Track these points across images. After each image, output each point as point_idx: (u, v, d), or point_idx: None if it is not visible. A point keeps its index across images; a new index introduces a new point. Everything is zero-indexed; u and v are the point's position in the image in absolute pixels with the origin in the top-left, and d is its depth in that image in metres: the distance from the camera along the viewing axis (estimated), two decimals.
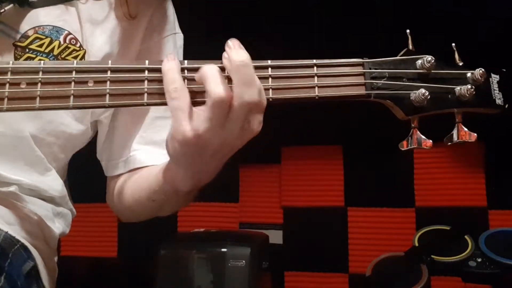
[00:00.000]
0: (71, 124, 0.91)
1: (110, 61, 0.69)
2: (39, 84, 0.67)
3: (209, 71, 0.65)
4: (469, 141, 0.72)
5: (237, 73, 0.65)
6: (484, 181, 2.21)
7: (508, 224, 2.06)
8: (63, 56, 0.86)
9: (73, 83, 0.68)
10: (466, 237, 1.91)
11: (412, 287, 1.76)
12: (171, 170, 0.77)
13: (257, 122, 0.67)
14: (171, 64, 0.67)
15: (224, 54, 0.68)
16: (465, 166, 2.24)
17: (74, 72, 0.68)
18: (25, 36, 0.83)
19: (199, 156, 0.69)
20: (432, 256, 1.87)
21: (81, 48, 0.88)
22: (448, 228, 2.02)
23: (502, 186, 2.16)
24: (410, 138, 0.72)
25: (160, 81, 0.68)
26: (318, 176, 2.41)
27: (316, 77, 0.71)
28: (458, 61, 0.74)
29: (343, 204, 2.37)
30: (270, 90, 0.69)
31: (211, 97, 0.64)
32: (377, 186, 2.30)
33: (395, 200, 2.30)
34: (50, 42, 0.85)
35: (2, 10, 0.80)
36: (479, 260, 1.83)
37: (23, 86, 0.67)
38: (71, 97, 0.67)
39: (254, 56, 0.68)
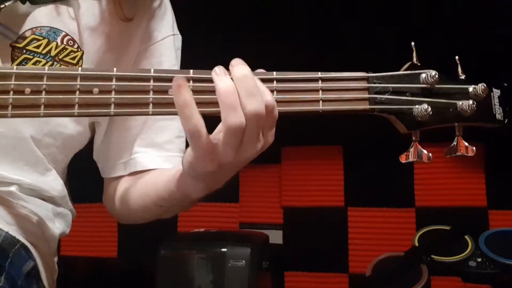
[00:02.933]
0: (68, 125, 0.90)
1: (115, 69, 0.68)
2: (44, 92, 0.66)
3: (223, 97, 0.64)
4: (468, 155, 0.73)
5: (239, 85, 0.65)
6: (484, 181, 2.21)
7: (508, 224, 2.06)
8: (60, 57, 0.85)
9: (78, 91, 0.67)
10: (466, 237, 1.91)
11: (412, 287, 1.76)
12: (184, 181, 0.77)
13: (269, 135, 0.68)
14: (186, 99, 0.63)
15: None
16: (465, 166, 2.24)
17: (78, 79, 0.67)
18: (22, 37, 0.83)
19: (216, 174, 0.70)
20: (432, 256, 1.87)
21: (79, 50, 0.88)
22: (448, 228, 2.02)
23: (502, 186, 2.16)
24: (410, 151, 0.73)
25: (165, 91, 0.68)
26: (318, 176, 2.41)
27: (320, 91, 0.71)
28: (460, 74, 0.74)
29: (343, 204, 2.37)
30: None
31: (226, 125, 0.64)
32: (377, 186, 2.30)
33: (395, 200, 2.30)
34: (48, 43, 0.84)
35: (3, 6, 0.80)
36: (479, 260, 1.83)
37: (27, 93, 0.66)
38: (76, 106, 0.67)
39: (254, 60, 0.68)
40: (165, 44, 0.98)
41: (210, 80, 0.68)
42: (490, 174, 2.21)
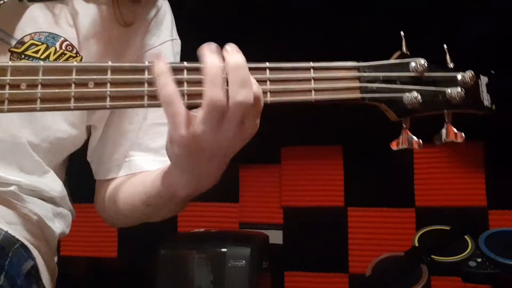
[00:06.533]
0: (66, 130, 0.91)
1: (110, 61, 0.69)
2: (39, 86, 0.67)
3: (209, 72, 0.65)
4: (457, 141, 0.74)
5: (232, 74, 0.66)
6: (484, 181, 2.21)
7: (508, 224, 2.06)
8: None
9: (73, 85, 0.67)
10: (466, 237, 1.91)
11: (412, 287, 1.76)
12: (170, 174, 0.78)
13: (252, 125, 0.68)
14: (162, 68, 0.66)
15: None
16: (465, 166, 2.24)
17: (74, 72, 0.68)
18: (21, 42, 0.84)
19: (196, 158, 0.70)
20: (432, 256, 1.87)
21: (78, 55, 0.88)
22: (448, 228, 2.02)
23: (502, 186, 2.16)
24: (401, 138, 0.74)
25: None
26: (318, 176, 2.41)
27: (313, 81, 0.72)
28: (449, 62, 0.76)
29: (343, 204, 2.37)
30: (268, 93, 0.70)
31: (207, 99, 0.65)
32: (377, 186, 2.30)
33: (395, 200, 2.30)
34: (46, 48, 0.85)
35: (2, 2, 0.80)
36: (479, 260, 1.82)
37: (23, 87, 0.67)
38: (72, 99, 0.67)
39: (251, 58, 0.68)
40: (164, 49, 0.98)
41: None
42: (490, 174, 2.20)
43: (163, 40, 0.98)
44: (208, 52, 0.67)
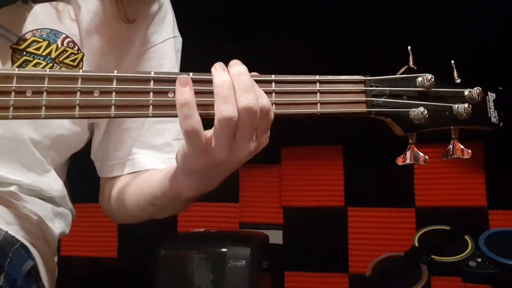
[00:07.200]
0: (68, 127, 0.90)
1: (116, 71, 0.69)
2: (45, 93, 0.67)
3: (218, 89, 0.66)
4: (463, 157, 0.74)
5: (235, 81, 0.66)
6: (484, 181, 2.21)
7: (508, 224, 2.06)
8: (60, 59, 0.86)
9: (78, 93, 0.67)
10: (466, 237, 1.91)
11: (412, 287, 1.76)
12: (177, 178, 0.78)
13: (264, 138, 0.69)
14: (187, 97, 0.66)
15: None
16: (465, 166, 2.24)
17: (79, 80, 0.68)
18: (22, 39, 0.83)
19: (208, 170, 0.71)
20: (432, 256, 1.87)
21: (79, 52, 0.88)
22: (448, 228, 2.02)
23: (502, 186, 2.16)
24: (407, 153, 0.75)
25: (165, 93, 0.69)
26: (318, 176, 2.41)
27: (318, 94, 0.72)
28: (456, 77, 0.76)
29: (343, 204, 2.37)
30: (273, 105, 0.70)
31: (218, 114, 0.65)
32: (377, 186, 2.30)
33: (395, 200, 2.30)
34: (48, 45, 0.85)
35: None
36: (479, 260, 1.83)
37: (28, 94, 0.67)
38: (77, 107, 0.67)
39: (254, 65, 0.69)
40: (166, 46, 0.98)
41: (210, 82, 0.68)
42: (490, 174, 2.20)
43: (165, 37, 0.98)
44: (216, 71, 0.68)
